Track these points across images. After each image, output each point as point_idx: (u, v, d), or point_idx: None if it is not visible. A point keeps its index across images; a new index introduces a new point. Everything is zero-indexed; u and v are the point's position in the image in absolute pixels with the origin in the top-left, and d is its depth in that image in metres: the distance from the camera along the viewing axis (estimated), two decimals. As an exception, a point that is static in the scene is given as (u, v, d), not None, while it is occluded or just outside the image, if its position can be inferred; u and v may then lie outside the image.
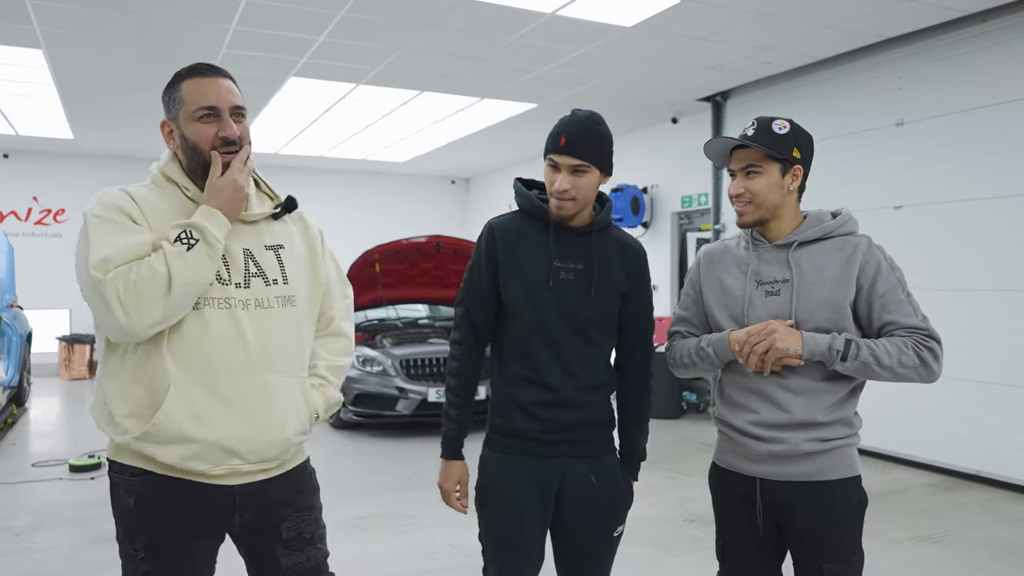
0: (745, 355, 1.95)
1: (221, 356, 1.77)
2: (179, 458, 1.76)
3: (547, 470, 2.11)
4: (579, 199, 2.07)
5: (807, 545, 1.97)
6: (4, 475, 5.71)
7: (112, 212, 1.76)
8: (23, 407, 8.42)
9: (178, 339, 1.75)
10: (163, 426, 1.73)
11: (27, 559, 4.03)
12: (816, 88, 6.95)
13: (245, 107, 1.89)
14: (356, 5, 5.36)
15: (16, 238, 10.51)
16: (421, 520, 4.63)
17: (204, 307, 1.77)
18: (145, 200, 1.82)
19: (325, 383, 1.98)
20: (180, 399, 1.73)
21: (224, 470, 1.80)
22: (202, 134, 1.81)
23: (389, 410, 7.10)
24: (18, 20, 5.65)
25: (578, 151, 2.04)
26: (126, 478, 1.83)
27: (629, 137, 9.89)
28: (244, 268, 1.84)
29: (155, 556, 1.82)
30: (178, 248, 1.71)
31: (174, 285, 1.68)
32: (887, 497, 5.33)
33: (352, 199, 12.95)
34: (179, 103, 1.82)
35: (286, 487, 1.92)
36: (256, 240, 1.89)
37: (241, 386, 1.79)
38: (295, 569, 1.92)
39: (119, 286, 1.66)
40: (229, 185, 1.79)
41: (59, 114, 8.80)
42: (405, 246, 7.81)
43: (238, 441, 1.78)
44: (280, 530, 1.90)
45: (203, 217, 1.76)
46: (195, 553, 1.87)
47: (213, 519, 1.85)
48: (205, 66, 1.86)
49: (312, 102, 8.24)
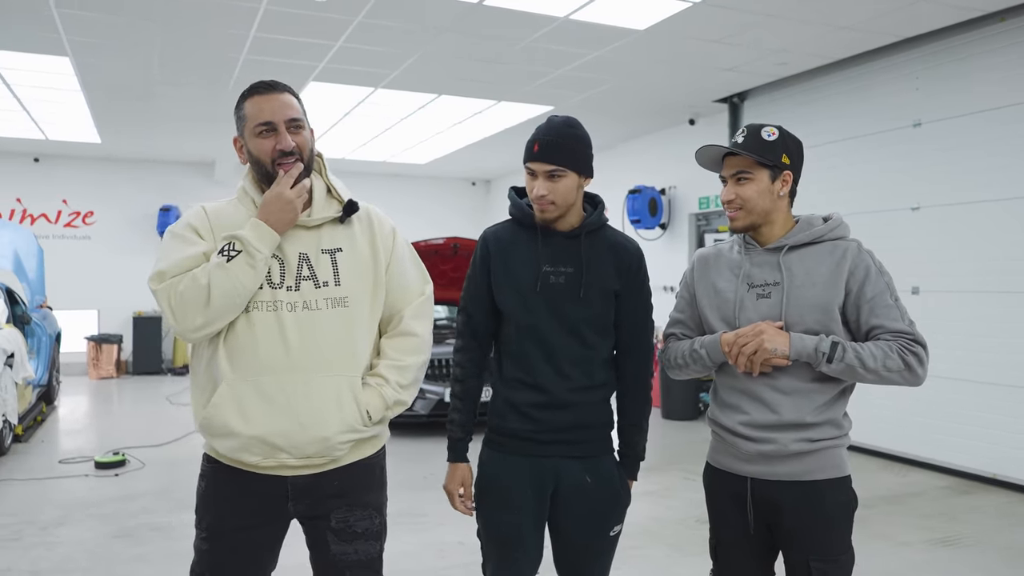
0: (734, 356, 1.99)
1: (264, 355, 1.89)
2: (230, 449, 1.90)
3: (542, 470, 2.16)
4: (559, 203, 2.12)
5: (796, 544, 2.01)
6: (32, 471, 5.87)
7: (183, 229, 1.96)
8: (52, 405, 8.63)
9: (231, 339, 1.90)
10: (212, 419, 1.89)
11: (52, 553, 4.16)
12: (833, 89, 6.93)
13: (303, 118, 1.98)
14: (372, 11, 5.44)
15: (46, 240, 10.75)
16: (433, 519, 4.70)
17: (253, 310, 1.90)
18: (218, 214, 1.99)
19: (383, 383, 2.00)
20: (228, 395, 1.88)
21: (273, 463, 1.91)
22: (262, 148, 1.94)
23: (407, 410, 7.16)
24: (46, 29, 5.81)
25: (551, 157, 2.10)
26: (204, 464, 2.04)
27: (646, 139, 9.91)
28: (296, 271, 1.94)
29: (214, 538, 1.98)
30: (219, 260, 1.85)
31: (213, 295, 1.82)
32: (902, 499, 5.31)
33: (376, 200, 12.58)
34: (244, 120, 1.97)
35: (341, 480, 1.99)
36: (314, 244, 1.98)
37: (283, 385, 1.89)
38: (343, 559, 2.01)
39: (170, 296, 1.85)
40: (276, 199, 1.91)
41: (87, 119, 9.01)
42: (423, 248, 7.87)
43: (279, 437, 1.89)
44: (330, 519, 1.99)
45: (248, 229, 1.89)
46: (254, 540, 1.99)
47: (269, 508, 1.97)
48: (264, 84, 1.97)
49: (332, 106, 8.35)
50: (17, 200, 11.32)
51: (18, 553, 4.14)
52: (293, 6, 5.36)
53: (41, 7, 5.37)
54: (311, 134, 2.02)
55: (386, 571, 3.92)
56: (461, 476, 2.24)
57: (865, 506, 5.03)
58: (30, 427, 7.33)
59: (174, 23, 5.71)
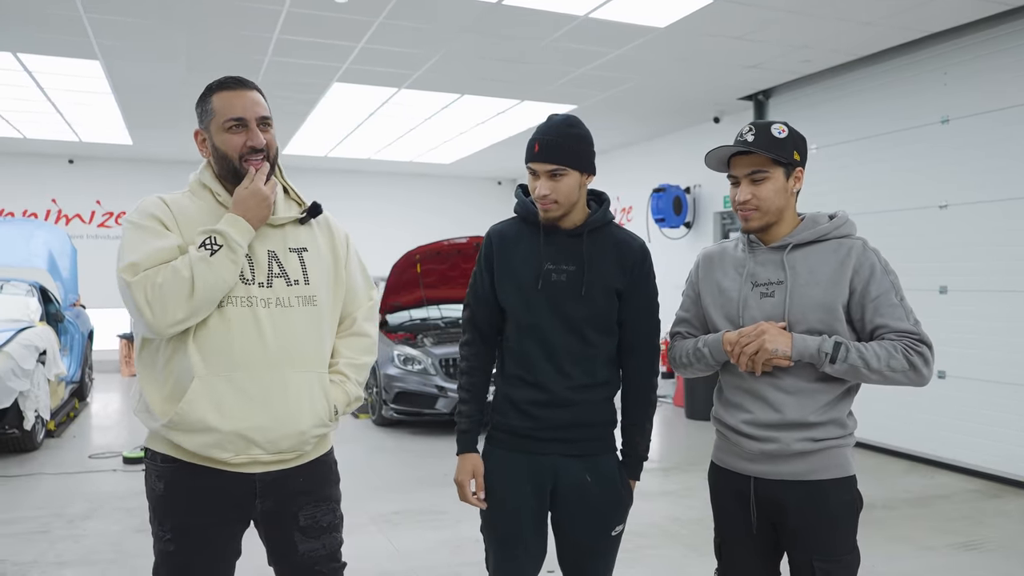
0: (736, 356, 1.98)
1: (241, 351, 1.89)
2: (202, 445, 1.88)
3: (541, 467, 2.16)
4: (561, 201, 2.12)
5: (799, 543, 1.99)
6: (63, 465, 6.00)
7: (145, 219, 1.91)
8: (84, 401, 8.82)
9: (203, 334, 1.88)
10: (186, 415, 1.85)
11: (78, 544, 4.26)
12: (859, 85, 6.83)
13: (271, 117, 2.00)
14: (393, 12, 5.48)
15: (80, 240, 10.98)
16: (452, 516, 4.73)
17: (227, 305, 1.89)
18: (179, 206, 1.96)
19: (345, 379, 2.07)
20: (203, 390, 1.86)
21: (245, 459, 1.91)
22: (231, 144, 1.94)
23: (429, 408, 7.23)
24: (76, 33, 5.94)
25: (552, 156, 2.10)
26: (157, 464, 1.96)
27: (670, 137, 9.86)
28: (268, 269, 1.95)
29: (180, 538, 1.95)
30: (202, 253, 1.83)
31: (196, 288, 1.81)
32: (928, 502, 5.23)
33: (404, 200, 13.18)
34: (210, 115, 1.95)
35: (305, 477, 2.02)
36: (281, 243, 2.00)
37: (259, 380, 1.90)
38: (311, 555, 2.03)
39: (146, 288, 1.81)
40: (253, 194, 1.91)
41: (118, 121, 9.19)
42: (446, 247, 7.93)
43: (256, 431, 1.90)
44: (298, 518, 2.01)
45: (227, 224, 1.88)
46: (219, 537, 1.99)
47: (236, 506, 1.97)
48: (233, 80, 1.98)
49: (356, 106, 8.42)
50: (52, 201, 11.59)
51: (45, 545, 4.24)
52: (315, 8, 5.42)
53: (72, 13, 5.49)
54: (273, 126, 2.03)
55: (401, 567, 3.99)
56: (471, 466, 2.23)
57: (888, 508, 5.01)
58: (63, 423, 7.50)
59: (200, 26, 5.81)
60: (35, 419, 6.25)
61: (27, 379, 5.97)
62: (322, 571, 2.06)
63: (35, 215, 11.36)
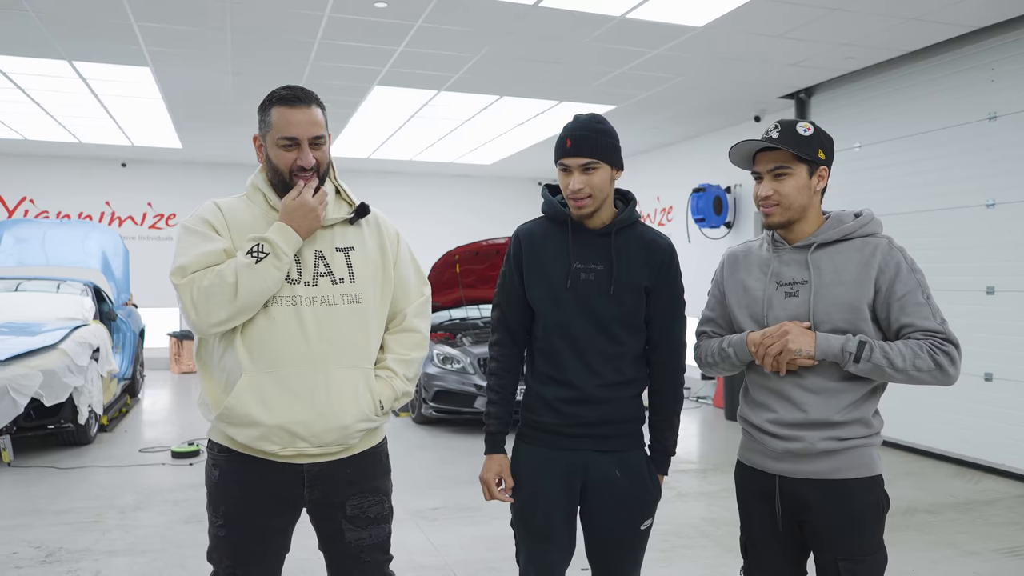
0: (760, 356, 1.99)
1: (285, 348, 1.98)
2: (251, 438, 1.98)
3: (571, 463, 2.20)
4: (595, 196, 2.15)
5: (824, 543, 2.00)
6: (115, 459, 6.21)
7: (198, 224, 2.03)
8: (136, 398, 9.09)
9: (249, 332, 1.98)
10: (234, 409, 1.96)
11: (128, 535, 4.42)
12: (904, 82, 6.71)
13: (325, 135, 2.06)
14: (431, 15, 5.56)
15: (132, 241, 11.31)
16: (488, 513, 4.78)
17: (272, 305, 1.98)
18: (232, 210, 2.07)
19: (393, 375, 2.13)
20: (249, 386, 1.96)
21: (292, 451, 2.00)
22: (283, 160, 2.02)
23: (467, 407, 7.30)
24: (127, 41, 6.14)
25: (584, 150, 2.13)
26: (215, 454, 2.09)
27: (711, 137, 9.79)
28: (314, 268, 2.04)
29: (232, 525, 2.06)
30: (248, 260, 1.93)
31: (240, 293, 1.91)
32: (972, 507, 5.12)
33: (445, 200, 13.30)
34: (268, 127, 2.03)
35: (353, 468, 2.09)
36: (328, 243, 2.08)
37: (303, 376, 1.98)
38: (358, 544, 2.11)
39: (193, 290, 1.92)
40: (301, 206, 2.00)
41: (168, 125, 9.45)
42: (485, 247, 7.99)
43: (300, 426, 1.98)
44: (345, 507, 2.09)
45: (275, 232, 1.97)
46: (269, 527, 2.09)
47: (285, 496, 2.06)
48: (293, 95, 2.02)
49: (397, 109, 8.54)
50: (106, 203, 11.95)
51: (97, 534, 4.41)
52: (355, 13, 5.52)
53: (123, 21, 5.68)
54: (329, 139, 2.09)
55: (436, 561, 4.05)
56: (497, 466, 2.28)
57: (931, 512, 4.94)
58: (115, 418, 7.75)
59: (245, 32, 5.96)
60: (89, 414, 6.47)
61: (81, 375, 6.19)
62: (368, 560, 2.13)
63: (89, 217, 11.73)
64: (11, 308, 7.20)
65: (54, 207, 11.66)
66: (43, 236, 8.52)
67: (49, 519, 4.67)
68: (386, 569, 2.19)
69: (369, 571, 2.14)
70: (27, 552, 4.12)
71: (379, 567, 2.16)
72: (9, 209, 11.51)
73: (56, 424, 6.20)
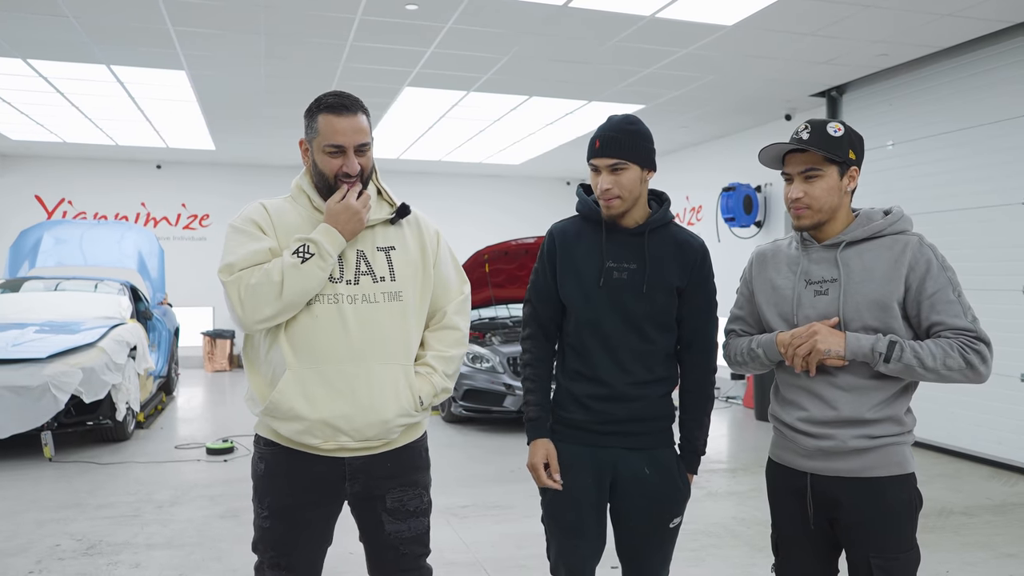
0: (789, 357, 1.99)
1: (327, 345, 2.04)
2: (294, 432, 2.05)
3: (601, 459, 2.23)
4: (624, 196, 2.17)
5: (856, 541, 2.00)
6: (151, 455, 6.34)
7: (245, 223, 2.11)
8: (171, 395, 9.26)
9: (293, 329, 2.05)
10: (278, 403, 2.03)
11: (165, 528, 4.51)
12: (939, 79, 6.62)
13: (369, 140, 2.12)
14: (461, 17, 5.61)
15: (166, 241, 11.52)
16: (518, 511, 4.81)
17: (315, 303, 2.05)
18: (278, 211, 2.14)
19: (432, 371, 2.18)
20: (293, 381, 2.02)
21: (333, 445, 2.06)
22: (329, 166, 2.08)
23: (497, 406, 7.33)
24: (164, 46, 6.27)
25: (612, 151, 2.16)
26: (260, 447, 2.16)
27: (741, 136, 9.73)
28: (355, 267, 2.09)
29: (276, 517, 2.13)
30: (294, 260, 2.00)
31: (285, 292, 1.98)
32: (1008, 509, 5.05)
33: (475, 200, 13.36)
34: (315, 133, 2.08)
35: (393, 462, 2.15)
36: (370, 242, 2.14)
37: (345, 372, 2.04)
38: (397, 536, 2.16)
39: (240, 288, 2.00)
40: (345, 209, 2.05)
41: (202, 128, 9.61)
42: (514, 247, 8.02)
43: (342, 420, 2.03)
44: (385, 500, 2.14)
45: (321, 234, 2.03)
46: (313, 519, 2.15)
47: (327, 488, 2.12)
48: (340, 103, 2.06)
49: (427, 110, 8.60)
50: (141, 204, 12.17)
51: (136, 528, 4.51)
52: (386, 15, 5.58)
53: (160, 26, 5.80)
54: (372, 143, 2.14)
55: (467, 558, 4.09)
56: (543, 451, 2.26)
57: (967, 514, 4.89)
58: (151, 415, 7.91)
59: (277, 35, 6.05)
60: (126, 410, 6.61)
61: (119, 373, 6.33)
62: (407, 553, 2.18)
63: (126, 218, 11.96)
64: (51, 307, 7.37)
65: (91, 208, 11.92)
66: (81, 237, 8.72)
67: (90, 513, 4.79)
68: (423, 562, 2.23)
69: (407, 563, 2.19)
70: (69, 544, 4.23)
71: (416, 559, 2.21)
72: (48, 210, 11.78)
73: (95, 420, 6.35)
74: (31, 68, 6.97)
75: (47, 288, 7.84)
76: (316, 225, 2.08)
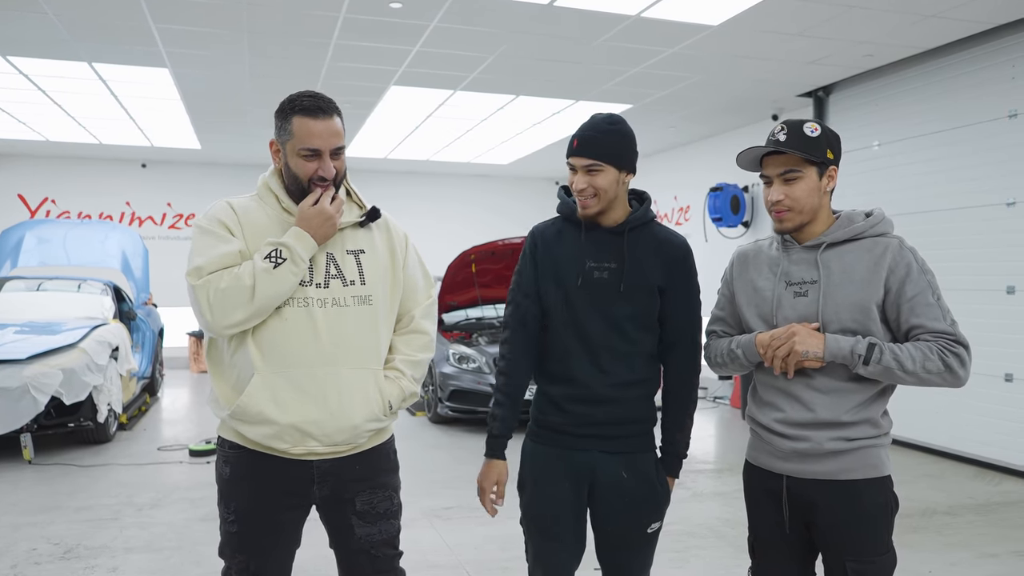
0: (768, 358, 1.98)
1: (296, 349, 2.00)
2: (262, 436, 2.01)
3: (578, 463, 2.19)
4: (600, 196, 2.15)
5: (832, 543, 1.98)
6: (134, 457, 6.28)
7: (212, 224, 2.04)
8: (155, 396, 9.18)
9: (261, 333, 2.00)
10: (246, 407, 1.99)
11: (145, 532, 4.46)
12: (923, 80, 6.64)
13: (344, 143, 2.08)
14: (445, 16, 5.58)
15: (152, 241, 11.42)
16: (502, 513, 4.68)
17: (284, 306, 2.01)
18: (245, 211, 2.08)
19: (400, 375, 2.15)
20: (261, 385, 1.99)
21: (302, 450, 2.03)
22: (303, 169, 2.04)
23: (483, 406, 7.30)
24: (146, 43, 6.21)
25: (588, 151, 2.13)
26: (225, 450, 2.12)
27: (728, 136, 9.74)
28: (325, 270, 2.06)
29: (243, 521, 2.09)
30: (266, 265, 1.95)
31: (256, 296, 1.94)
32: (992, 509, 5.06)
33: (462, 200, 13.33)
34: (289, 135, 2.03)
35: (361, 464, 2.12)
36: (339, 245, 2.10)
37: (314, 376, 2.00)
38: (367, 539, 2.13)
39: (209, 291, 1.94)
40: (318, 214, 2.02)
41: (187, 126, 9.54)
42: (501, 247, 8.00)
43: (311, 425, 2.00)
44: (355, 503, 2.11)
45: (293, 238, 1.99)
46: (280, 522, 2.11)
47: (296, 492, 2.09)
48: (317, 107, 2.01)
49: (414, 109, 8.57)
50: (126, 204, 12.08)
51: (115, 531, 4.46)
52: (370, 13, 5.55)
53: (141, 24, 5.75)
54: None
55: (450, 560, 4.06)
56: (497, 473, 2.25)
57: (950, 514, 4.89)
58: (134, 416, 7.84)
59: (261, 33, 6.00)
60: (108, 412, 6.55)
61: (100, 374, 6.26)
62: (378, 556, 2.15)
63: (110, 217, 11.86)
64: (33, 307, 7.29)
65: (75, 207, 11.81)
66: (64, 236, 8.64)
67: (68, 516, 4.73)
68: (396, 564, 2.21)
69: (380, 566, 2.16)
70: (46, 548, 4.17)
71: (389, 561, 2.18)
72: (31, 209, 11.67)
73: (76, 422, 6.28)
74: (11, 66, 6.89)
75: (29, 288, 7.75)
76: (284, 226, 2.04)
